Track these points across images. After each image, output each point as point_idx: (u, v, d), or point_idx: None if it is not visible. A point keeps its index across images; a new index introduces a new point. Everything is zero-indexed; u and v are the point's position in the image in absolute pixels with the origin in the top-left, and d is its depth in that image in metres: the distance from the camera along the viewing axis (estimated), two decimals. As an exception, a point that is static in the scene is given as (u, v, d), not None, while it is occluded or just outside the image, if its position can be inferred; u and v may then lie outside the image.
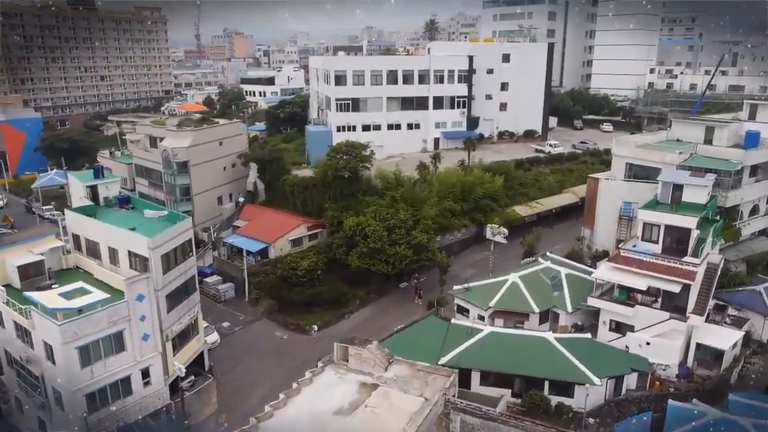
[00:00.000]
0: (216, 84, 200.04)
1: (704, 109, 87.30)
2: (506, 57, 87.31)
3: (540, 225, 64.41)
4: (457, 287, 47.11)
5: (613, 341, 40.44)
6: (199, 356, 44.40)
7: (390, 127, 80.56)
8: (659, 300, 39.56)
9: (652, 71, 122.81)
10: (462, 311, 45.98)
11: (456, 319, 43.72)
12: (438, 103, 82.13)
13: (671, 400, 34.79)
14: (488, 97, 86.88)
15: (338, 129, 78.02)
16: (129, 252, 38.46)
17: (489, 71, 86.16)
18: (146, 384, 37.10)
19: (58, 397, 34.47)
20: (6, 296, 36.08)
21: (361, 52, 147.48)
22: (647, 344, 39.00)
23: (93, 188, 45.47)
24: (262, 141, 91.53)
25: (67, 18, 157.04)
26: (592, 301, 41.62)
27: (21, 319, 34.70)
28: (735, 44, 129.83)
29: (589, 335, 40.83)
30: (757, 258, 50.69)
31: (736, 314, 43.89)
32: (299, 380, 32.20)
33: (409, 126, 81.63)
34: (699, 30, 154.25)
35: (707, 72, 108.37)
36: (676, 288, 38.33)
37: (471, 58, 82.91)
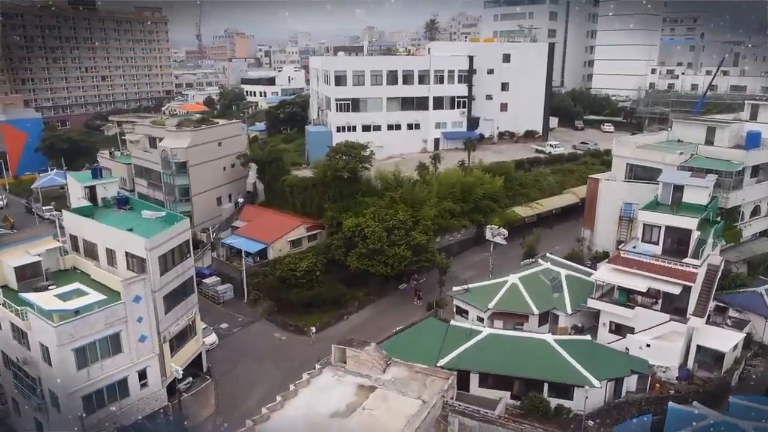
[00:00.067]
0: (217, 84, 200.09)
1: (705, 110, 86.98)
2: (507, 57, 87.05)
3: (540, 226, 64.14)
4: (457, 288, 46.87)
5: (613, 343, 40.18)
6: (197, 357, 44.21)
7: (390, 128, 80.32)
8: (659, 302, 39.31)
9: (654, 71, 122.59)
10: (461, 313, 45.75)
11: (455, 321, 43.54)
12: (438, 104, 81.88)
13: (671, 403, 34.56)
14: (488, 98, 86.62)
15: (338, 129, 77.83)
16: (126, 253, 38.32)
17: (489, 71, 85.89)
18: (143, 386, 36.91)
19: (55, 399, 34.30)
20: (2, 297, 35.98)
21: (362, 53, 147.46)
22: (647, 346, 38.72)
23: (91, 189, 45.34)
24: (262, 141, 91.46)
25: (68, 18, 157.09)
26: (592, 303, 41.38)
27: (17, 321, 34.56)
28: (736, 44, 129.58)
29: (589, 337, 40.59)
30: (758, 259, 50.39)
31: (737, 316, 43.60)
32: (296, 382, 32.03)
33: (409, 126, 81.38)
34: (700, 30, 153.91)
35: (708, 72, 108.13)
36: (677, 290, 38.09)
37: (471, 59, 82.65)
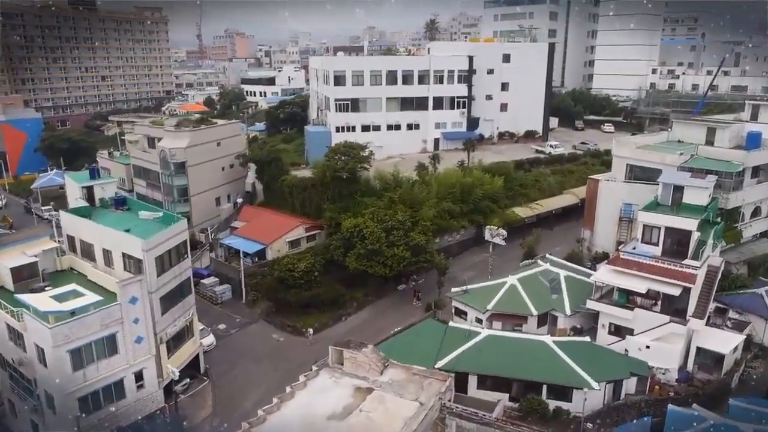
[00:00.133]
0: (217, 84, 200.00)
1: (706, 110, 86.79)
2: (506, 57, 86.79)
3: (540, 226, 63.91)
4: (455, 289, 46.66)
5: (613, 344, 39.96)
6: (195, 359, 44.02)
7: (389, 128, 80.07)
8: (659, 303, 39.10)
9: (654, 71, 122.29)
10: (460, 314, 45.54)
11: (454, 322, 43.31)
12: (438, 104, 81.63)
13: (671, 405, 34.35)
14: (488, 98, 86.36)
15: (337, 129, 77.62)
16: (123, 254, 38.16)
17: (489, 71, 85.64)
18: (140, 387, 36.75)
19: (50, 401, 34.14)
20: (-1, 298, 35.80)
21: (363, 53, 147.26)
22: (647, 348, 38.48)
23: (89, 189, 45.26)
24: (262, 141, 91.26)
25: (68, 18, 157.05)
26: (591, 304, 41.15)
27: (13, 322, 34.35)
28: (737, 44, 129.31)
29: (588, 338, 40.38)
30: (759, 260, 50.10)
31: (737, 317, 43.33)
32: (293, 384, 31.91)
33: (409, 126, 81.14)
34: (701, 30, 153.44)
35: (709, 72, 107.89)
36: (676, 291, 37.87)
37: (471, 59, 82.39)
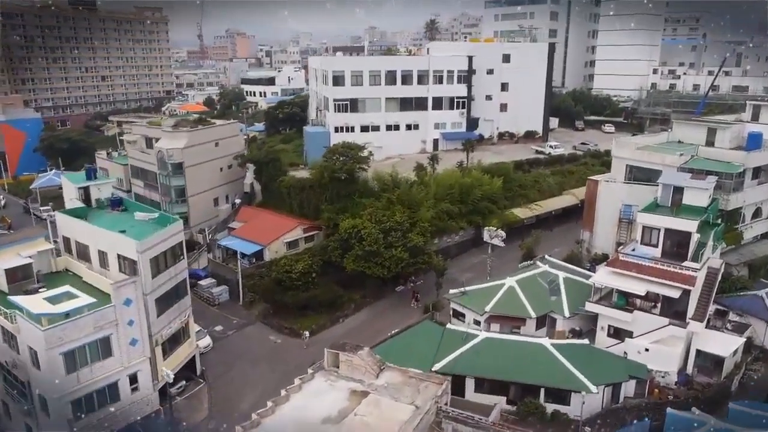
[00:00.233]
0: (218, 84, 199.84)
1: (707, 110, 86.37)
2: (506, 57, 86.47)
3: (539, 227, 63.62)
4: (453, 291, 46.33)
5: (612, 347, 39.67)
6: (191, 361, 43.74)
7: (389, 128, 79.78)
8: (658, 305, 38.76)
9: (655, 72, 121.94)
10: (458, 316, 45.25)
11: (451, 324, 42.99)
12: (437, 104, 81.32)
13: (670, 408, 33.98)
14: (488, 98, 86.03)
15: (336, 130, 77.37)
16: (118, 255, 37.94)
17: (489, 71, 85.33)
18: (134, 390, 36.43)
19: (44, 403, 33.85)
20: (-8, 300, 35.54)
21: (363, 53, 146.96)
22: (646, 350, 38.18)
23: (85, 190, 45.04)
24: (261, 142, 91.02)
25: (68, 18, 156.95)
26: (590, 306, 40.81)
27: (6, 324, 34.07)
28: (738, 44, 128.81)
29: (587, 341, 40.06)
30: (759, 262, 49.71)
31: (738, 320, 42.98)
32: (288, 387, 31.61)
33: (408, 127, 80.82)
34: (702, 30, 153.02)
35: (710, 72, 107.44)
36: (676, 293, 37.52)
37: (471, 59, 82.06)
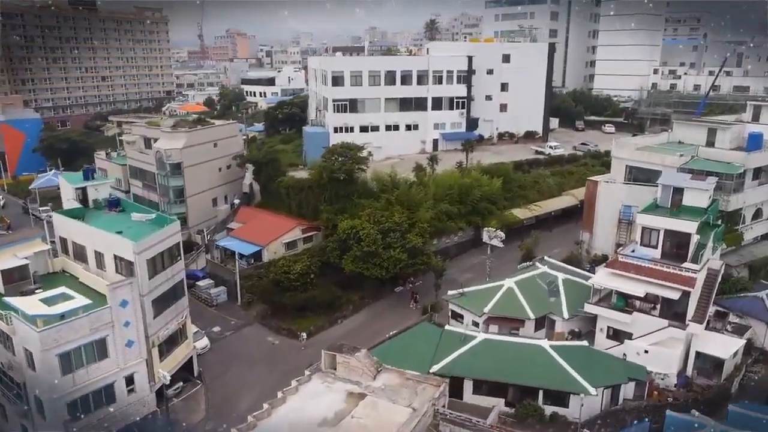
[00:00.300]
0: (218, 84, 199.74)
1: (708, 110, 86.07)
2: (506, 57, 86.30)
3: (539, 228, 63.43)
4: (452, 292, 46.09)
5: (611, 349, 39.43)
6: (188, 362, 43.62)
7: (388, 128, 79.64)
8: (658, 307, 38.53)
9: (656, 72, 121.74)
10: (456, 317, 45.02)
11: (450, 326, 42.78)
12: (437, 104, 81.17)
13: (669, 411, 33.74)
14: (488, 98, 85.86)
15: (336, 130, 77.23)
16: (115, 256, 37.81)
17: (489, 72, 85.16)
18: (131, 391, 36.33)
19: (40, 405, 33.70)
20: (-12, 301, 35.39)
21: (364, 53, 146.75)
22: (645, 352, 37.96)
23: (83, 190, 44.88)
24: (260, 142, 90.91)
25: (68, 18, 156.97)
26: (589, 308, 40.56)
27: (2, 325, 33.94)
28: (739, 44, 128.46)
29: (586, 342, 39.85)
30: (760, 263, 49.40)
31: (738, 321, 42.69)
32: (284, 389, 31.35)
33: (408, 127, 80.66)
34: (703, 30, 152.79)
35: (711, 73, 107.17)
36: (675, 295, 37.29)
37: (470, 59, 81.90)
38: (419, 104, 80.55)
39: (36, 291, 36.26)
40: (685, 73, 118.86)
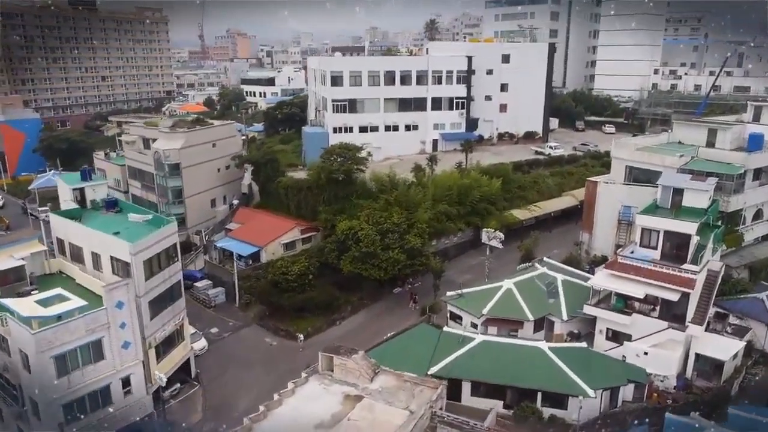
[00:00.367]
0: (218, 84, 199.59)
1: (708, 111, 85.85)
2: (506, 57, 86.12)
3: (538, 229, 63.18)
4: (450, 293, 45.88)
5: (610, 350, 39.16)
6: (186, 363, 43.41)
7: (387, 129, 79.51)
8: (657, 308, 38.32)
9: (656, 72, 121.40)
10: (455, 318, 44.78)
11: (448, 327, 42.54)
12: (436, 104, 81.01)
13: (669, 413, 33.48)
14: (488, 98, 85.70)
15: (335, 130, 77.08)
16: (111, 257, 37.64)
17: (489, 72, 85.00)
18: (127, 393, 36.13)
19: (35, 407, 33.52)
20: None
21: (364, 53, 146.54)
22: (645, 354, 37.70)
23: (80, 191, 44.68)
24: (260, 142, 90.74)
25: (68, 18, 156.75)
26: (589, 309, 40.35)
27: (-3, 326, 33.81)
28: (740, 44, 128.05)
29: (585, 344, 39.54)
30: (760, 264, 49.12)
31: (738, 323, 42.40)
32: (281, 391, 31.18)
33: (407, 127, 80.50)
34: (704, 30, 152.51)
35: (712, 73, 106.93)
36: (675, 296, 37.09)
37: (470, 59, 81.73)
38: (419, 104, 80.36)
39: (32, 292, 36.10)
40: (686, 74, 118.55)
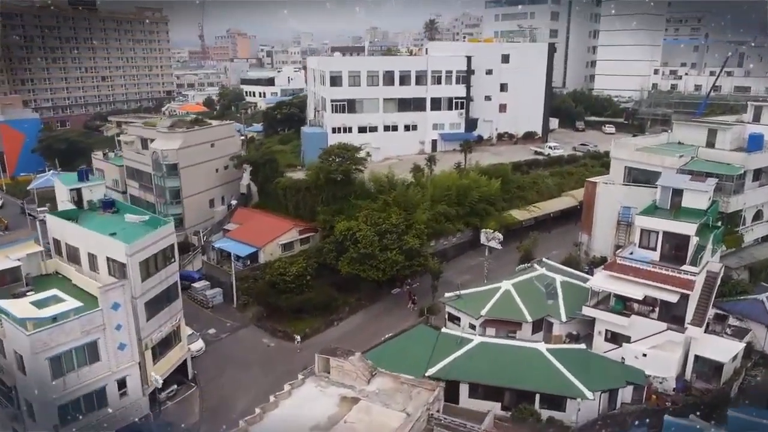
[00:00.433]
0: (218, 85, 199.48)
1: (709, 111, 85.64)
2: (505, 57, 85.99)
3: (538, 229, 62.97)
4: (449, 294, 45.73)
5: (609, 352, 38.97)
6: (183, 364, 43.18)
7: (387, 129, 79.40)
8: (656, 310, 38.12)
9: (657, 72, 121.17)
10: (453, 319, 44.57)
11: (446, 328, 42.33)
12: (436, 105, 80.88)
13: (668, 415, 33.24)
14: (487, 98, 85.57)
15: (334, 131, 76.95)
16: (108, 258, 37.46)
17: (488, 72, 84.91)
18: (123, 395, 35.86)
19: (30, 408, 33.36)
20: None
21: (364, 53, 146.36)
22: (644, 356, 37.47)
23: (77, 191, 44.53)
24: (258, 142, 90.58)
25: (68, 18, 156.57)
26: (587, 311, 40.16)
27: (-8, 328, 33.61)
28: (741, 44, 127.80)
29: (584, 346, 39.35)
30: (760, 265, 48.90)
31: (738, 324, 42.13)
32: (277, 393, 31.00)
33: (406, 128, 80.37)
34: (705, 30, 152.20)
35: (712, 73, 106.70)
36: (674, 298, 36.88)
37: (469, 59, 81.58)
38: (418, 105, 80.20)
39: (27, 293, 35.86)
40: (686, 74, 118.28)
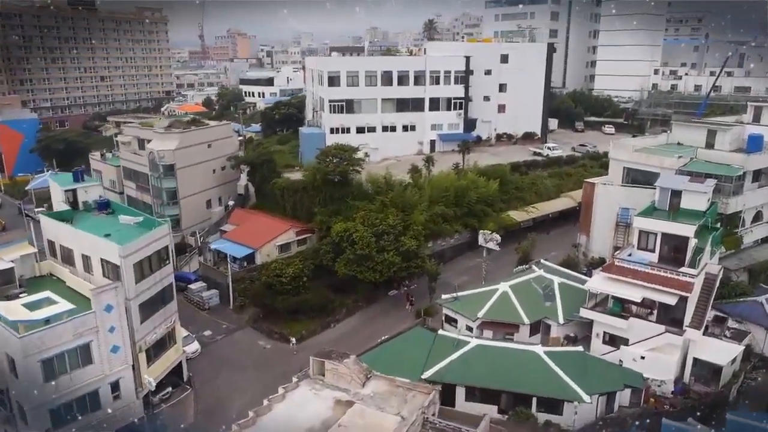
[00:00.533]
0: (218, 85, 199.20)
1: (709, 111, 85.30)
2: (504, 58, 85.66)
3: (536, 231, 62.68)
4: (446, 296, 45.42)
5: (607, 354, 38.66)
6: (178, 366, 42.93)
7: (385, 129, 79.08)
8: (655, 312, 37.81)
9: (657, 72, 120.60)
10: (450, 321, 44.30)
11: (443, 330, 42.06)
12: (434, 105, 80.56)
13: (665, 419, 32.97)
14: (486, 99, 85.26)
15: (332, 131, 76.65)
16: (102, 260, 37.17)
17: (487, 72, 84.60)
18: (116, 398, 35.65)
19: (22, 411, 33.07)
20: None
21: (363, 53, 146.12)
22: (642, 358, 37.20)
23: (73, 192, 44.24)
24: (257, 143, 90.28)
25: (67, 18, 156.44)
26: (585, 313, 39.86)
27: (-16, 330, 33.32)
28: (741, 44, 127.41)
29: (581, 348, 39.05)
30: (760, 267, 48.51)
31: (737, 327, 41.84)
32: (271, 397, 30.70)
33: (405, 128, 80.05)
34: (705, 30, 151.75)
35: (712, 73, 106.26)
36: (672, 300, 36.56)
37: (468, 59, 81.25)
38: (416, 105, 79.88)
39: (20, 295, 35.72)
40: (686, 74, 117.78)
